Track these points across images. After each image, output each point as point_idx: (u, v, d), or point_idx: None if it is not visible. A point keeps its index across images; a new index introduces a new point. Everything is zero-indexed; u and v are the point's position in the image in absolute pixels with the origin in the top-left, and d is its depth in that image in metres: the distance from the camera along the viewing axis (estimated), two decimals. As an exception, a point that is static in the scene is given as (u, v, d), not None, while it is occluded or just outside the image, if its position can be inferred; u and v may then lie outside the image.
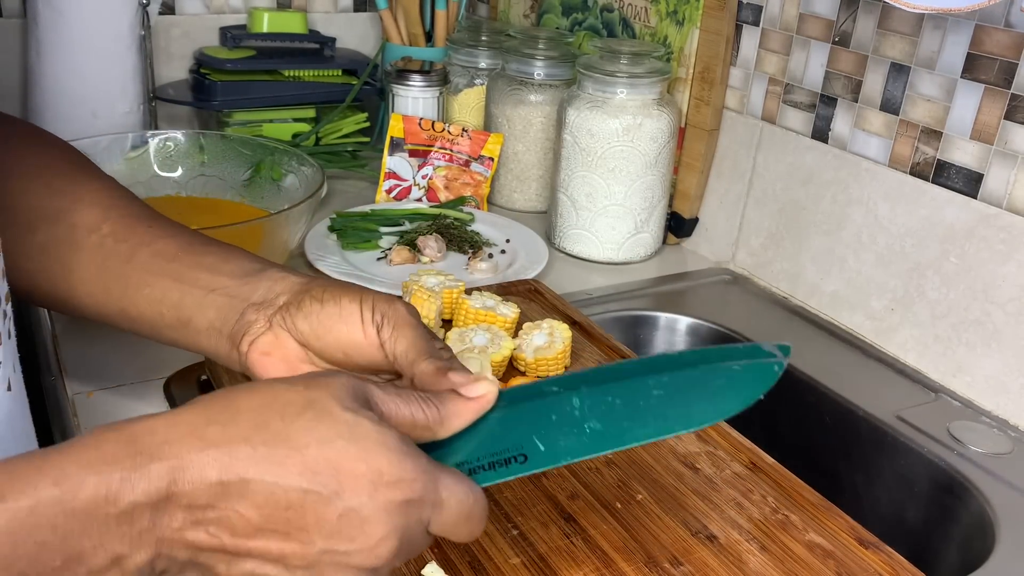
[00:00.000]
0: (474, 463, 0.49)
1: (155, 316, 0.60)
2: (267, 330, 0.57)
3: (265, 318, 0.57)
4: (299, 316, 0.56)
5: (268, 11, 1.39)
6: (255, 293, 0.58)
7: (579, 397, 0.51)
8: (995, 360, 0.83)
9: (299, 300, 0.57)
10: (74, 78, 1.19)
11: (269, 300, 0.58)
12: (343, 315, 0.56)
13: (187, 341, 0.60)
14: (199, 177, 1.09)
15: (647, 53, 1.07)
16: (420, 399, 0.47)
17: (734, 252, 1.11)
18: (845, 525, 0.63)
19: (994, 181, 0.83)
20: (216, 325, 0.58)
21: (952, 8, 0.76)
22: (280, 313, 0.57)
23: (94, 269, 0.60)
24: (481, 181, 1.22)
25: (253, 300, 0.58)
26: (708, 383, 0.52)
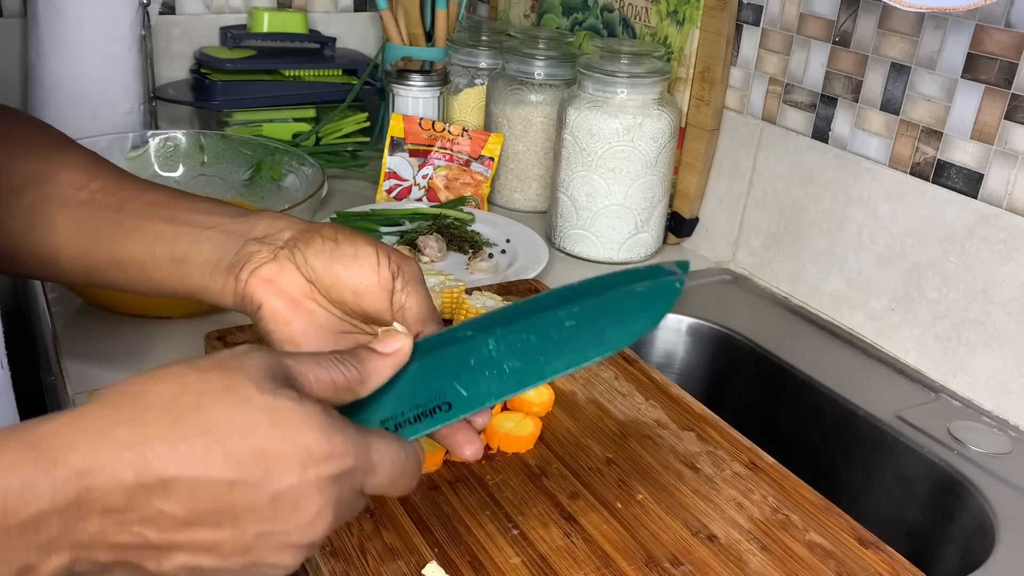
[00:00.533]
0: (399, 418, 0.49)
1: (147, 256, 0.59)
2: (271, 260, 0.56)
3: (270, 250, 0.57)
4: (310, 252, 0.56)
5: (268, 11, 1.39)
6: (255, 228, 0.58)
7: (494, 338, 0.51)
8: (995, 360, 0.83)
9: (308, 238, 0.56)
10: (75, 78, 1.19)
11: (272, 234, 0.57)
12: (359, 256, 0.55)
13: (175, 279, 0.59)
14: (199, 177, 1.09)
15: (647, 53, 1.07)
16: (338, 362, 0.46)
17: (734, 252, 1.11)
18: (845, 525, 0.63)
19: (994, 181, 0.83)
20: (212, 259, 0.58)
21: (949, 7, 0.76)
22: (288, 247, 0.56)
23: (83, 221, 0.60)
24: (481, 181, 1.22)
25: (253, 234, 0.58)
26: (617, 307, 0.52)
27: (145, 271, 0.60)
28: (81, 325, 0.88)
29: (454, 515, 0.62)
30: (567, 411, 0.75)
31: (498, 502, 0.63)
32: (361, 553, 0.58)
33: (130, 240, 0.59)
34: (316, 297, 0.57)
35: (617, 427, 0.73)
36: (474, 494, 0.64)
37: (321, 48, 1.40)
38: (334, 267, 0.56)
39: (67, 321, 0.88)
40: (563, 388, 0.78)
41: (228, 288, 0.57)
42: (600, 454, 0.69)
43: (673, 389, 0.78)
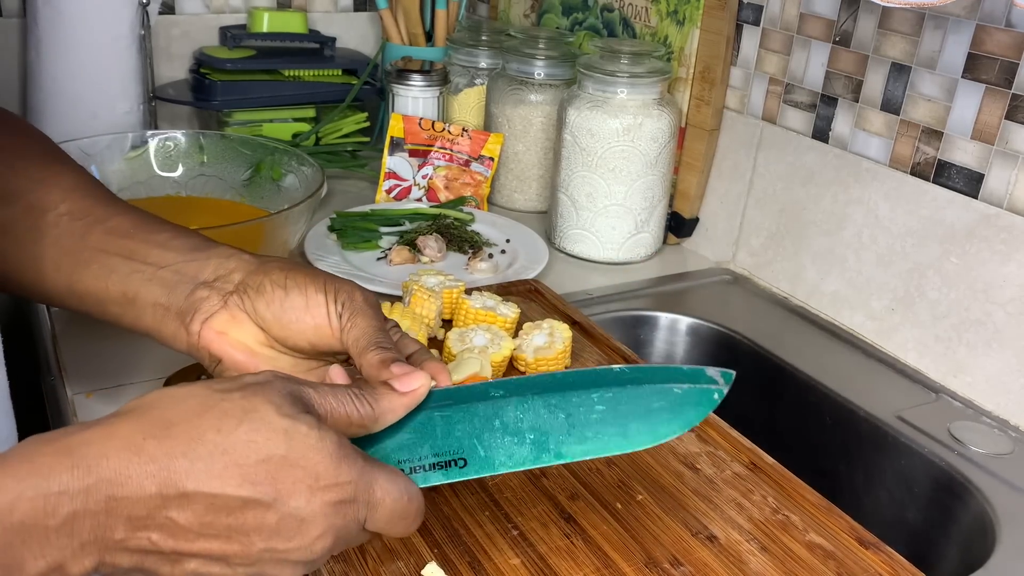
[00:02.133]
0: (415, 461, 0.50)
1: (100, 292, 0.58)
2: (222, 308, 0.56)
3: (219, 296, 0.56)
4: (260, 301, 0.55)
5: (268, 11, 1.39)
6: (204, 270, 0.57)
7: (524, 405, 0.52)
8: (996, 360, 0.83)
9: (258, 283, 0.56)
10: (74, 78, 1.19)
11: (222, 277, 0.57)
12: (309, 306, 0.54)
13: (130, 318, 0.59)
14: (199, 177, 1.09)
15: (647, 53, 1.07)
16: (354, 397, 0.48)
17: (734, 252, 1.11)
18: (845, 525, 0.63)
19: (995, 181, 0.83)
20: (162, 302, 0.57)
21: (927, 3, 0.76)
22: (237, 293, 0.56)
23: (46, 246, 0.59)
24: (481, 181, 1.22)
25: (203, 278, 0.57)
26: (649, 403, 0.53)
27: (101, 305, 0.59)
28: (81, 325, 0.87)
29: (454, 515, 0.62)
30: (567, 411, 0.74)
31: (498, 502, 0.63)
32: (361, 553, 0.58)
33: (86, 272, 0.59)
34: (272, 344, 0.56)
35: (617, 427, 0.73)
36: (474, 494, 0.64)
37: (321, 48, 1.40)
38: (284, 318, 0.55)
39: (67, 321, 0.88)
40: (563, 388, 0.77)
41: (180, 337, 0.57)
42: (600, 454, 0.69)
43: (673, 389, 0.78)
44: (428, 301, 0.82)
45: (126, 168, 1.06)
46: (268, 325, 0.55)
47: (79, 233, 0.59)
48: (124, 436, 0.41)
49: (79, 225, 0.59)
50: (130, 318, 0.59)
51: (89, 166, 1.03)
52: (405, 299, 0.84)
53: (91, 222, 0.59)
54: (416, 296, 0.82)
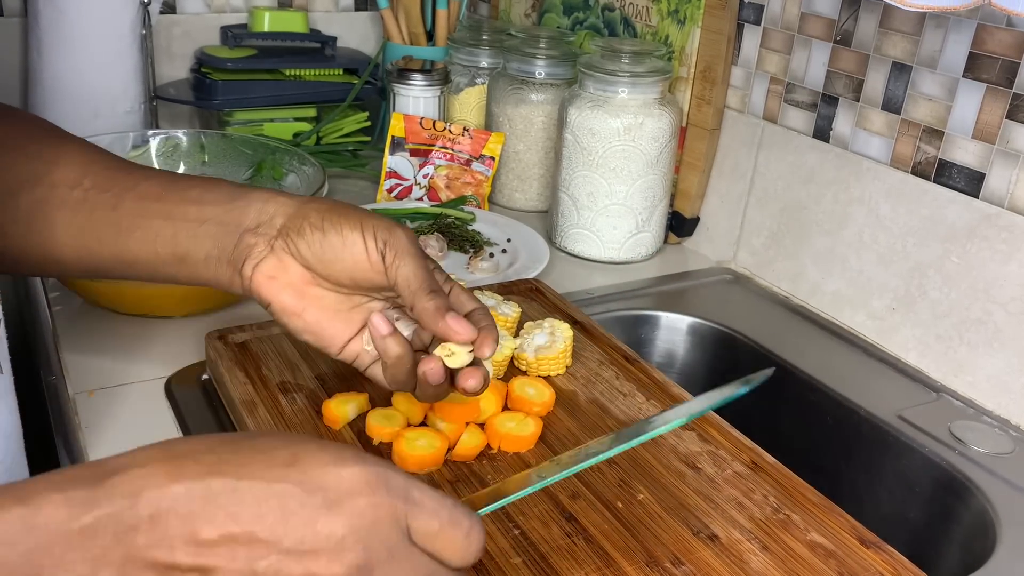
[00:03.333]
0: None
1: (151, 256, 0.60)
2: (269, 253, 0.58)
3: (265, 242, 0.58)
4: (301, 243, 0.58)
5: (269, 10, 1.39)
6: (246, 217, 0.59)
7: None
8: (997, 360, 0.83)
9: (298, 226, 0.58)
10: (75, 77, 1.19)
11: (264, 222, 0.59)
12: (346, 244, 0.57)
13: (187, 275, 0.61)
14: (200, 176, 1.09)
15: (648, 52, 1.07)
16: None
17: (735, 251, 1.11)
18: (847, 525, 0.63)
19: (996, 180, 0.83)
20: (214, 254, 0.59)
21: (950, 7, 0.76)
22: (281, 237, 0.58)
23: (82, 222, 0.60)
24: (482, 180, 1.22)
25: (246, 225, 0.59)
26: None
27: (152, 268, 0.61)
28: (81, 325, 0.88)
29: (455, 515, 0.62)
30: (568, 411, 0.74)
31: (499, 502, 0.63)
32: (362, 553, 0.58)
33: (131, 240, 0.60)
34: (319, 282, 0.59)
35: (618, 427, 0.73)
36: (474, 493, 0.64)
37: (322, 47, 1.40)
38: (325, 257, 0.58)
39: (67, 321, 0.88)
40: (564, 388, 0.77)
41: (236, 283, 0.59)
42: (601, 454, 0.69)
43: (674, 389, 0.78)
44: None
45: (127, 167, 1.06)
46: (312, 264, 0.58)
47: (111, 204, 0.60)
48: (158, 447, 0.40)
49: (108, 196, 0.60)
50: (186, 275, 0.61)
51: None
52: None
53: (119, 192, 0.60)
54: (417, 295, 0.82)
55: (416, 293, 0.56)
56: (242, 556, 0.38)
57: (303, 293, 0.59)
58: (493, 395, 0.72)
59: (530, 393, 0.74)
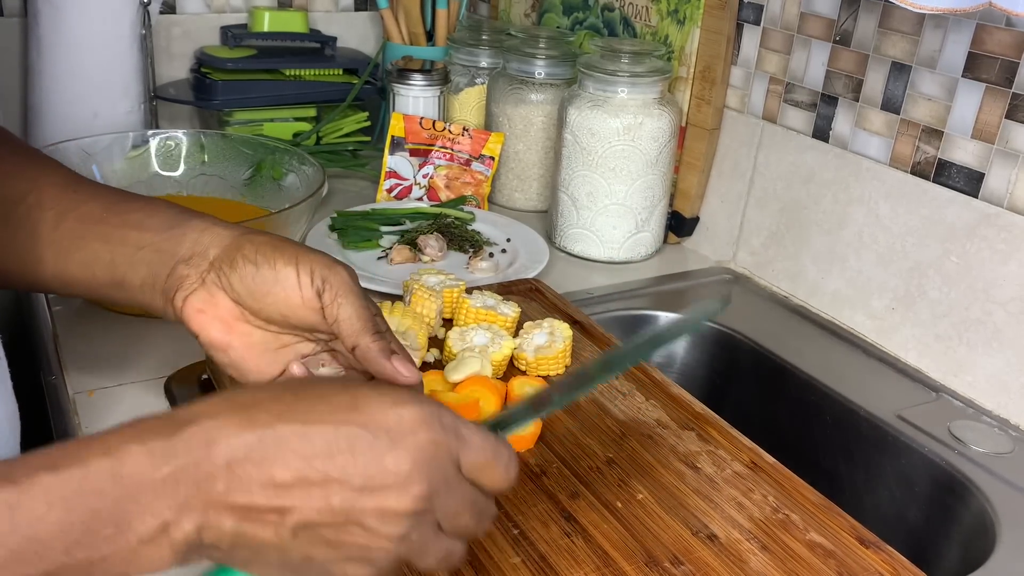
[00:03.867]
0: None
1: (89, 278, 0.60)
2: (200, 286, 0.57)
3: (197, 274, 0.57)
4: (233, 276, 0.56)
5: (269, 10, 1.39)
6: (181, 247, 0.58)
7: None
8: (996, 360, 0.83)
9: (231, 258, 0.57)
10: (75, 77, 1.19)
11: (198, 253, 0.58)
12: (279, 279, 0.55)
13: (124, 298, 0.60)
14: (200, 176, 1.09)
15: (648, 52, 1.07)
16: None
17: (735, 251, 1.11)
18: (846, 524, 0.63)
19: (995, 180, 0.83)
20: (148, 281, 0.58)
21: (958, 8, 0.76)
22: (213, 270, 0.57)
23: (25, 239, 0.60)
24: (482, 180, 1.22)
25: (180, 255, 0.58)
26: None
27: (92, 290, 0.61)
28: (81, 325, 0.88)
29: (454, 515, 0.62)
30: (567, 410, 0.74)
31: (498, 501, 0.63)
32: (361, 553, 0.58)
33: (70, 262, 0.60)
34: (248, 318, 0.57)
35: (617, 426, 0.73)
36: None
37: (322, 47, 1.40)
38: (257, 291, 0.56)
39: (67, 321, 0.88)
40: (563, 387, 0.77)
41: (168, 312, 0.59)
42: (600, 453, 0.69)
43: (673, 388, 0.78)
44: (429, 300, 0.82)
45: (127, 167, 1.06)
46: (242, 299, 0.57)
47: (52, 223, 0.59)
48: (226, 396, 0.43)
49: (50, 215, 0.60)
50: (122, 298, 0.60)
51: (90, 166, 1.03)
52: (406, 298, 0.84)
53: (61, 211, 0.60)
54: (417, 295, 0.83)
55: (360, 333, 0.55)
56: (317, 495, 0.41)
57: (231, 328, 0.58)
58: (493, 395, 0.72)
59: (529, 392, 0.74)
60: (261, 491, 0.40)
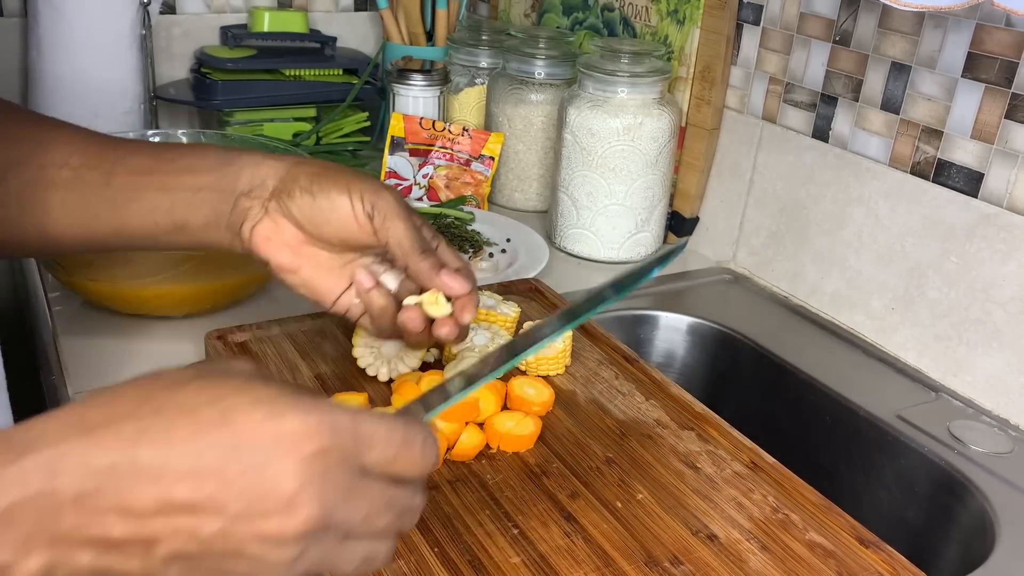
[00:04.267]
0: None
1: (151, 227, 0.62)
2: (264, 215, 0.61)
3: (260, 204, 0.61)
4: (292, 206, 0.61)
5: (269, 10, 1.39)
6: (239, 182, 0.62)
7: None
8: (996, 359, 0.83)
9: (289, 189, 0.61)
10: (75, 77, 1.19)
11: (256, 185, 0.61)
12: (334, 207, 0.60)
13: (187, 241, 0.63)
14: (200, 176, 1.09)
15: (648, 52, 1.07)
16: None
17: (735, 251, 1.11)
18: (846, 524, 0.63)
19: (995, 180, 0.83)
20: (212, 220, 0.62)
21: (945, 6, 0.76)
22: (274, 199, 0.61)
23: (76, 200, 0.62)
24: (482, 180, 1.22)
25: (240, 189, 0.61)
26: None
27: (153, 238, 0.64)
28: (81, 325, 0.88)
29: (454, 514, 0.62)
30: (567, 410, 0.75)
31: (498, 501, 0.63)
32: (361, 552, 0.58)
33: (128, 214, 0.62)
34: (312, 241, 0.63)
35: (617, 426, 0.73)
36: (474, 493, 0.64)
37: (322, 48, 1.40)
38: (315, 219, 0.61)
39: (67, 321, 0.88)
40: (563, 388, 0.78)
41: (236, 244, 0.63)
42: (600, 453, 0.69)
43: (673, 388, 0.78)
44: (428, 300, 0.82)
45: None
46: (303, 225, 0.61)
47: (103, 181, 0.62)
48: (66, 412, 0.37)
49: (98, 174, 0.62)
50: (186, 241, 0.64)
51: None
52: (406, 298, 0.84)
53: (109, 167, 0.62)
54: (417, 295, 0.82)
55: (409, 253, 0.61)
56: (184, 524, 0.36)
57: (298, 252, 0.62)
58: (492, 395, 0.72)
59: (529, 393, 0.74)
60: (120, 522, 0.35)
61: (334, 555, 0.39)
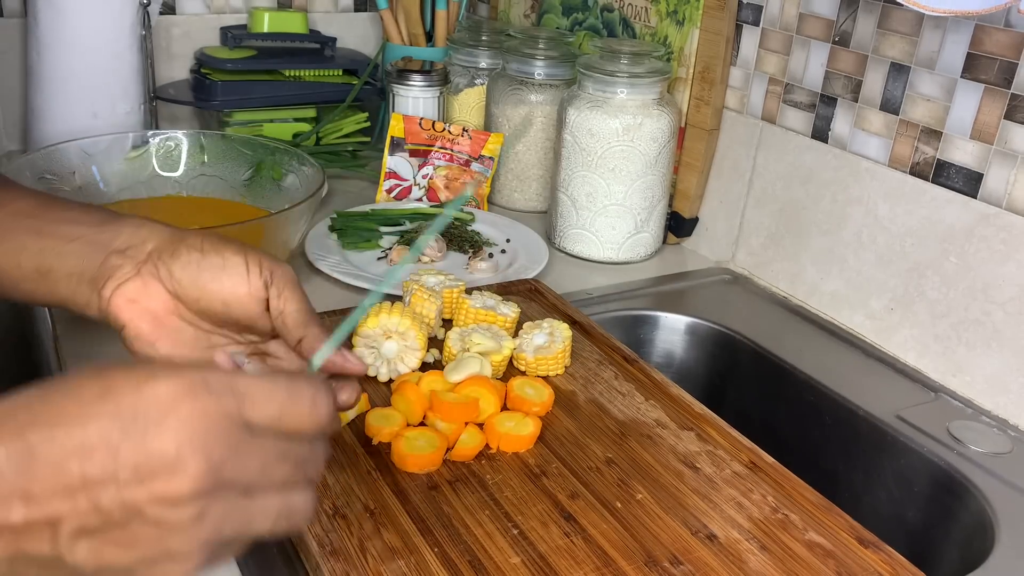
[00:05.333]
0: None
1: (12, 268, 0.59)
2: (135, 276, 0.56)
3: (133, 264, 0.57)
4: (175, 265, 0.56)
5: (269, 11, 1.39)
6: (117, 238, 0.57)
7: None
8: (995, 360, 0.84)
9: (173, 248, 0.56)
10: (75, 78, 1.19)
11: (134, 245, 0.57)
12: (227, 266, 0.55)
13: (43, 291, 0.59)
14: (200, 177, 1.10)
15: (647, 53, 1.07)
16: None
17: (734, 252, 1.11)
18: (845, 524, 0.63)
19: (994, 181, 0.83)
20: (76, 271, 0.57)
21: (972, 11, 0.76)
22: (152, 261, 0.56)
23: None
24: (481, 181, 1.22)
25: (115, 246, 0.57)
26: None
27: (12, 282, 0.60)
28: (81, 326, 0.88)
29: (454, 515, 0.62)
30: (567, 411, 0.75)
31: (498, 502, 0.63)
32: (361, 553, 0.58)
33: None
34: (182, 313, 0.57)
35: (617, 427, 0.73)
36: (474, 494, 0.64)
37: (321, 48, 1.40)
38: (201, 279, 0.55)
39: (67, 321, 0.88)
40: (563, 388, 0.78)
41: (92, 303, 0.57)
42: (600, 454, 0.69)
43: (673, 389, 0.78)
44: (428, 301, 0.82)
45: (127, 168, 1.06)
46: (183, 288, 0.56)
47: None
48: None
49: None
50: (43, 292, 0.59)
51: (90, 166, 1.03)
52: (405, 299, 0.84)
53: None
54: (416, 296, 0.83)
55: (307, 324, 0.55)
56: (82, 498, 0.37)
57: (162, 322, 0.57)
58: (492, 395, 0.72)
59: (529, 393, 0.74)
60: (22, 506, 0.37)
61: (242, 512, 0.40)
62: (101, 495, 0.37)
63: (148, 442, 0.37)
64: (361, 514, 0.61)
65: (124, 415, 0.38)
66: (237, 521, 0.40)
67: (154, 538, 0.38)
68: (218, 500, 0.39)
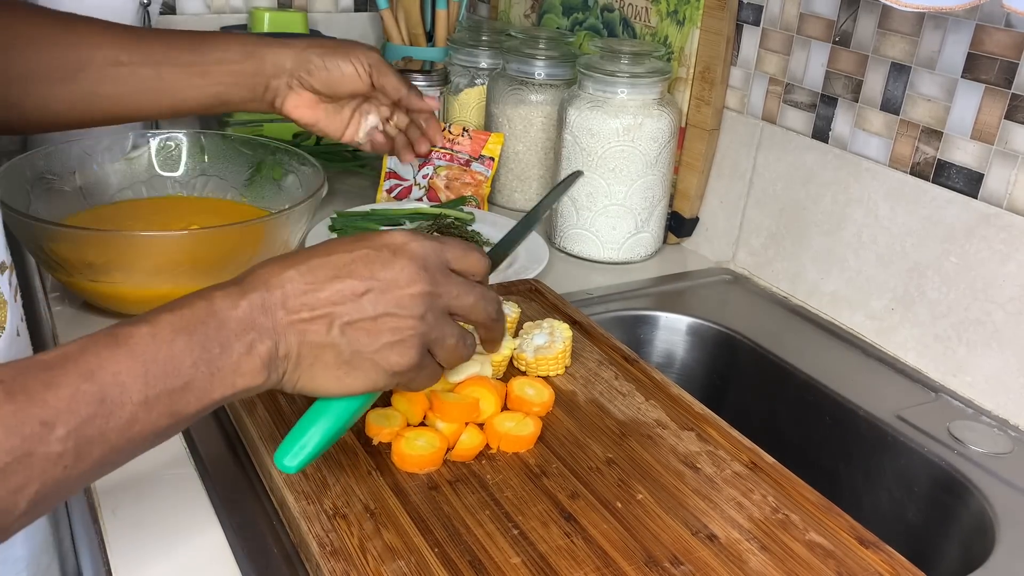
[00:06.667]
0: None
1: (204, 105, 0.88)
2: (289, 91, 0.90)
3: (284, 83, 0.89)
4: (313, 80, 0.90)
5: (269, 11, 1.39)
6: (265, 67, 0.88)
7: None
8: (995, 360, 0.84)
9: (307, 67, 0.89)
10: (75, 78, 1.19)
11: (279, 68, 0.89)
12: (345, 75, 0.90)
13: (232, 109, 0.90)
14: (200, 176, 1.10)
15: (648, 53, 1.07)
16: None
17: (734, 252, 1.11)
18: (845, 525, 0.63)
19: (994, 181, 0.83)
20: (248, 97, 0.89)
21: (946, 7, 0.76)
22: (297, 77, 0.89)
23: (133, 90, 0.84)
24: (482, 181, 1.22)
25: (267, 73, 0.88)
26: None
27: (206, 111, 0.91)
28: (81, 325, 0.88)
29: (454, 515, 0.62)
30: (567, 411, 0.75)
31: (498, 502, 0.63)
32: (361, 553, 0.58)
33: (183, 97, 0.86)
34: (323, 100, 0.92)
35: (617, 427, 0.73)
36: (474, 494, 0.64)
37: (321, 48, 1.40)
38: (333, 87, 0.91)
39: (67, 321, 0.88)
40: (563, 388, 0.78)
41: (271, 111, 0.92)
42: (600, 454, 0.69)
43: (673, 389, 0.78)
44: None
45: (127, 168, 1.06)
46: (322, 89, 0.90)
47: (154, 75, 0.84)
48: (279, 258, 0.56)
49: (149, 69, 0.84)
50: (231, 110, 0.90)
51: (90, 166, 1.03)
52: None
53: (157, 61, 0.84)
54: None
55: (400, 88, 0.93)
56: (349, 297, 0.55)
57: (314, 109, 0.92)
58: (492, 395, 0.72)
59: (529, 393, 0.74)
60: (310, 308, 0.54)
61: (442, 324, 0.58)
62: (364, 298, 0.55)
63: (393, 263, 0.56)
64: (361, 514, 0.61)
65: (377, 246, 0.56)
66: (440, 330, 0.58)
67: (392, 327, 0.55)
68: (435, 307, 0.57)
